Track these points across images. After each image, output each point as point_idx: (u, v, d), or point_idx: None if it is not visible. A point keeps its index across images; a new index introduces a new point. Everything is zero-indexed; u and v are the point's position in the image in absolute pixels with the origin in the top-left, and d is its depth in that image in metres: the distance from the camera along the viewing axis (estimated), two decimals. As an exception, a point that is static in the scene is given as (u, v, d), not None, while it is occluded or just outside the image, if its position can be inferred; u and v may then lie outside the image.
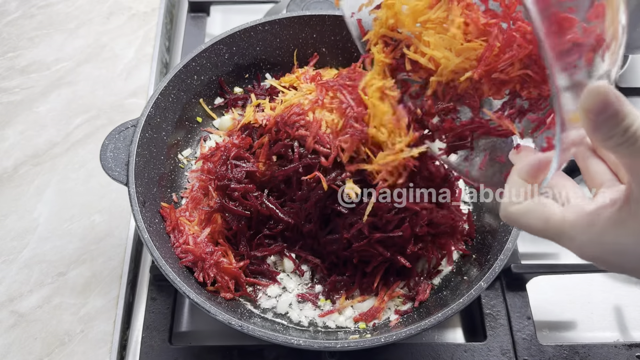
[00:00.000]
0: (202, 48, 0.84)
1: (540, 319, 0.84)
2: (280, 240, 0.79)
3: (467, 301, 0.64)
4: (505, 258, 0.68)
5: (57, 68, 1.08)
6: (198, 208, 0.80)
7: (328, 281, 0.77)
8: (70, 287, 0.83)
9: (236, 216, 0.77)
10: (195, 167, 0.87)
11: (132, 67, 1.09)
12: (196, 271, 0.74)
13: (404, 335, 0.63)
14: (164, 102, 0.81)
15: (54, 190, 0.92)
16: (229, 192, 0.77)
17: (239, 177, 0.77)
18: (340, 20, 0.89)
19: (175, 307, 0.81)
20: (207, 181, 0.81)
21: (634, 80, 1.11)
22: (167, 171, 0.84)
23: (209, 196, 0.80)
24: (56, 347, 0.78)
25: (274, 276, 0.78)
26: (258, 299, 0.77)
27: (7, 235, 0.88)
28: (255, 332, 0.63)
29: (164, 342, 0.77)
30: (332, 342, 0.65)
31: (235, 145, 0.81)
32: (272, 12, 1.13)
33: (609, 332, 0.84)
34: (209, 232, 0.77)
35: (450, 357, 0.78)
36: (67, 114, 1.02)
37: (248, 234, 0.79)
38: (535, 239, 0.93)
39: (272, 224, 0.78)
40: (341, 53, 0.95)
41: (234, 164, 0.78)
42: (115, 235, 0.88)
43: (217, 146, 0.84)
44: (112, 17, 1.16)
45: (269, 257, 0.80)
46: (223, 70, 0.90)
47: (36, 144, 0.98)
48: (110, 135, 0.75)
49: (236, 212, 0.77)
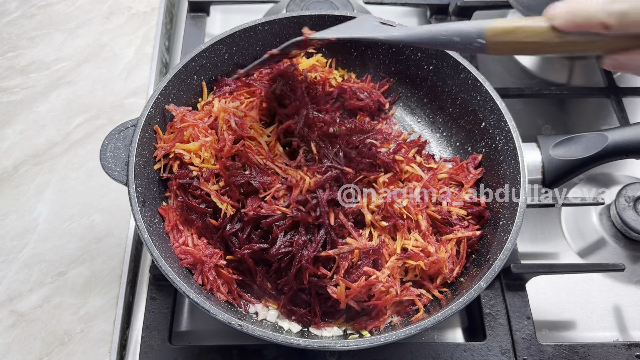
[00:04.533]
0: (202, 48, 0.84)
1: (540, 318, 0.84)
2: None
3: (466, 301, 0.64)
4: (505, 258, 0.68)
5: (57, 68, 1.08)
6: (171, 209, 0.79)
7: (294, 318, 0.75)
8: (70, 286, 0.83)
9: (200, 214, 0.76)
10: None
11: (132, 67, 1.09)
12: (195, 273, 0.74)
13: (404, 335, 0.63)
14: (164, 102, 0.81)
15: (54, 190, 0.93)
16: (190, 190, 0.76)
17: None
18: (340, 20, 0.90)
19: (175, 306, 0.81)
20: (172, 184, 0.80)
21: (634, 80, 1.11)
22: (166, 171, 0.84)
23: (172, 196, 0.79)
24: (56, 346, 0.78)
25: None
26: (248, 309, 0.76)
27: (7, 234, 0.88)
28: (255, 331, 0.63)
29: (164, 341, 0.77)
30: (332, 342, 0.65)
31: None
32: (272, 12, 1.13)
33: (608, 331, 0.84)
34: (193, 232, 0.77)
35: (449, 356, 0.78)
36: (67, 113, 1.02)
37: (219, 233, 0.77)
38: (535, 239, 0.95)
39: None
40: (341, 53, 0.95)
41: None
42: (115, 235, 0.88)
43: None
44: (112, 16, 1.16)
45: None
46: (223, 70, 0.90)
47: (36, 144, 0.98)
48: (110, 135, 0.75)
49: (198, 209, 0.76)
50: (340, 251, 0.70)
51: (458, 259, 0.76)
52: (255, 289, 0.77)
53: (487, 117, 0.83)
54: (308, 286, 0.71)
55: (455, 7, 1.15)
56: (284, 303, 0.74)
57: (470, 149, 0.88)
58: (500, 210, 0.77)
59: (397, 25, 0.69)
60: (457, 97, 0.88)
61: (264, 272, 0.74)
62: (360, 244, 0.71)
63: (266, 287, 0.75)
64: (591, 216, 0.94)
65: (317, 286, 0.71)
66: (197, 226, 0.77)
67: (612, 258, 0.89)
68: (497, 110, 0.80)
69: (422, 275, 0.74)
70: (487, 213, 0.78)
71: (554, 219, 0.95)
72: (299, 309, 0.74)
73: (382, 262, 0.71)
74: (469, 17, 1.15)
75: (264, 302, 0.76)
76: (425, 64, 0.90)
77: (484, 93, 0.82)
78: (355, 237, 0.71)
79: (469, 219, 0.78)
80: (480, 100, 0.83)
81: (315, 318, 0.73)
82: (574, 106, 1.12)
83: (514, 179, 0.76)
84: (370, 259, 0.71)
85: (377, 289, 0.69)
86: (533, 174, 0.76)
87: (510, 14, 1.21)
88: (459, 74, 0.85)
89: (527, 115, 1.08)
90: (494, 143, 0.82)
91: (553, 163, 0.76)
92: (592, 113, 1.11)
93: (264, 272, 0.74)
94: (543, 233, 0.93)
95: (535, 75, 1.13)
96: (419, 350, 0.78)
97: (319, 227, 0.71)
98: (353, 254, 0.70)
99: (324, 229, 0.71)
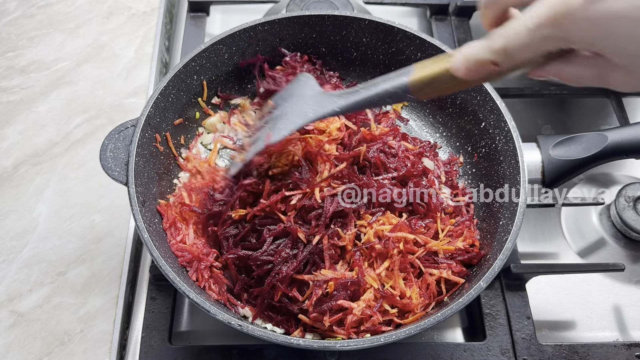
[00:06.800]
0: (201, 48, 0.84)
1: (540, 318, 0.84)
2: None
3: (466, 301, 0.64)
4: (505, 258, 0.68)
5: (56, 68, 1.08)
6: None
7: (273, 323, 0.74)
8: (70, 286, 0.83)
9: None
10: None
11: (131, 67, 1.09)
12: (190, 270, 0.74)
13: (404, 335, 0.63)
14: (164, 102, 0.81)
15: (54, 190, 0.92)
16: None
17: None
18: (339, 20, 0.90)
19: (175, 306, 0.81)
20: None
21: (634, 80, 1.11)
22: (166, 171, 0.84)
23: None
24: (56, 346, 0.78)
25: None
26: (238, 312, 0.76)
27: (7, 234, 0.88)
28: (255, 331, 0.63)
29: (164, 341, 0.77)
30: (332, 342, 0.65)
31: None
32: (271, 12, 1.13)
33: (608, 331, 0.84)
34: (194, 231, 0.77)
35: (449, 356, 0.78)
36: (67, 113, 1.02)
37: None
38: (535, 239, 0.95)
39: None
40: (340, 53, 0.95)
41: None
42: (115, 235, 0.88)
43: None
44: (111, 17, 1.16)
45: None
46: (223, 70, 0.90)
47: (36, 144, 0.98)
48: (110, 135, 0.75)
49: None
50: (315, 278, 0.70)
51: (435, 295, 0.74)
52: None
53: (487, 117, 0.83)
54: (279, 305, 0.71)
55: (455, 7, 1.15)
56: (257, 313, 0.73)
57: (470, 149, 0.88)
58: (500, 210, 0.77)
59: (338, 92, 0.71)
60: (457, 97, 0.88)
61: (243, 282, 0.74)
62: (338, 274, 0.70)
63: (241, 296, 0.75)
64: (591, 216, 0.94)
65: (287, 308, 0.71)
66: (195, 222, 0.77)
67: (612, 258, 0.89)
68: (497, 110, 0.80)
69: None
70: (474, 262, 0.76)
71: (554, 219, 0.95)
72: (277, 316, 0.73)
73: (360, 292, 0.71)
74: (469, 17, 1.15)
75: (250, 306, 0.76)
76: (425, 64, 0.90)
77: (483, 93, 0.82)
78: (326, 267, 0.71)
79: (457, 261, 0.76)
80: (480, 100, 0.83)
81: (291, 328, 0.73)
82: (574, 106, 1.12)
83: (514, 179, 0.76)
84: (350, 289, 0.70)
85: (350, 320, 0.69)
86: (533, 174, 0.76)
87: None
88: (459, 74, 0.85)
89: (527, 115, 1.08)
90: (494, 143, 0.82)
91: (553, 163, 0.76)
92: (592, 113, 1.11)
93: (244, 282, 0.74)
94: (543, 233, 0.93)
95: (535, 75, 1.13)
96: (419, 350, 0.78)
97: (305, 245, 0.72)
98: (327, 284, 0.70)
99: (310, 248, 0.71)
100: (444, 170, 0.87)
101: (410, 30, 0.88)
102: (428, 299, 0.73)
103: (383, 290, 0.71)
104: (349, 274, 0.71)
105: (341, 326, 0.70)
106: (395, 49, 0.92)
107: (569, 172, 0.76)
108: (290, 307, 0.71)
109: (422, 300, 0.72)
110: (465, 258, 0.76)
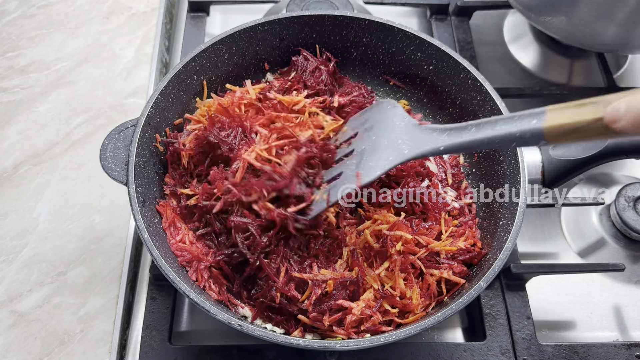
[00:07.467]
0: (201, 48, 0.84)
1: (540, 318, 0.84)
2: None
3: (466, 301, 0.64)
4: (505, 258, 0.68)
5: (56, 68, 1.08)
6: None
7: (273, 323, 0.74)
8: (70, 286, 0.83)
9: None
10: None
11: (131, 67, 1.09)
12: (190, 270, 0.74)
13: (404, 335, 0.63)
14: (164, 102, 0.81)
15: (54, 190, 0.93)
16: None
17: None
18: (339, 20, 0.90)
19: (175, 306, 0.81)
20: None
21: (634, 80, 1.11)
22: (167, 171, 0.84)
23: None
24: (56, 346, 0.78)
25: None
26: (238, 312, 0.75)
27: (7, 234, 0.88)
28: (255, 331, 0.63)
29: (164, 341, 0.77)
30: (332, 342, 0.65)
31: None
32: (271, 12, 1.13)
33: (608, 331, 0.84)
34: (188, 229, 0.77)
35: (449, 356, 0.78)
36: (67, 113, 1.02)
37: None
38: (535, 239, 0.94)
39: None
40: (340, 53, 0.95)
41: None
42: (115, 234, 0.88)
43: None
44: (111, 17, 1.16)
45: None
46: (223, 70, 0.90)
47: (36, 144, 0.98)
48: (110, 135, 0.75)
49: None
50: (314, 277, 0.70)
51: (436, 295, 0.74)
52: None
53: (487, 117, 0.83)
54: (279, 306, 0.71)
55: (455, 7, 1.15)
56: (257, 313, 0.73)
57: (470, 149, 0.88)
58: (500, 210, 0.77)
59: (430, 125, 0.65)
60: (457, 97, 0.88)
61: (241, 280, 0.74)
62: (336, 274, 0.70)
63: (242, 295, 0.74)
64: (591, 216, 0.94)
65: (287, 309, 0.71)
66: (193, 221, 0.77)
67: (612, 258, 0.89)
68: (497, 110, 0.80)
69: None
70: (475, 261, 0.76)
71: (554, 219, 0.95)
72: (277, 316, 0.73)
73: (360, 291, 0.71)
74: (469, 17, 1.15)
75: (249, 306, 0.75)
76: (425, 64, 0.90)
77: (484, 93, 0.82)
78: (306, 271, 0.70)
79: (459, 260, 0.76)
80: (480, 100, 0.83)
81: (291, 329, 0.72)
82: (574, 106, 1.12)
83: (514, 179, 0.76)
84: (349, 289, 0.70)
85: (350, 320, 0.69)
86: (533, 174, 0.76)
87: (510, 14, 1.22)
88: (459, 74, 0.85)
89: (527, 115, 1.08)
90: (494, 143, 0.82)
91: (553, 163, 0.76)
92: (592, 113, 1.11)
93: (241, 280, 0.74)
94: (543, 233, 0.93)
95: (535, 75, 1.13)
96: (419, 350, 0.78)
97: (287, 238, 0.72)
98: (326, 284, 0.69)
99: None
100: (452, 173, 0.87)
101: (410, 30, 0.88)
102: (428, 299, 0.73)
103: (383, 290, 0.71)
104: (348, 274, 0.71)
105: (341, 326, 0.69)
106: (395, 49, 0.92)
107: (569, 172, 0.76)
108: (289, 307, 0.71)
109: (423, 301, 0.72)
110: (467, 257, 0.76)
